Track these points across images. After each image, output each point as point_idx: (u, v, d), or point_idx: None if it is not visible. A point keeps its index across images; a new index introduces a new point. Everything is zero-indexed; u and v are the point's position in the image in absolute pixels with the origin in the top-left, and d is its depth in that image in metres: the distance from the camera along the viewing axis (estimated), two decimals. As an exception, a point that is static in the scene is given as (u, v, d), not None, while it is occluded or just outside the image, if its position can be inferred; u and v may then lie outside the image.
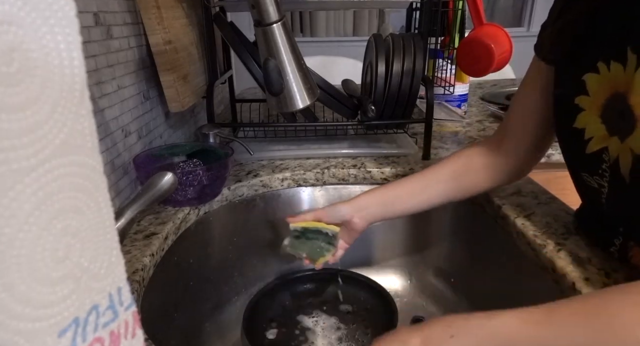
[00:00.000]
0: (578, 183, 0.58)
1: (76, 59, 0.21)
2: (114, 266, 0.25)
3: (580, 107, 0.52)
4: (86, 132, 0.22)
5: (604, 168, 0.50)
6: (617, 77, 0.46)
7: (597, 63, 0.48)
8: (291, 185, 0.87)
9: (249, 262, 0.86)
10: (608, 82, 0.47)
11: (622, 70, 0.45)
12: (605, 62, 0.47)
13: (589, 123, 0.51)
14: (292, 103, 0.57)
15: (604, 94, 0.48)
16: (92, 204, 0.23)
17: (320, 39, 2.94)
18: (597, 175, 0.52)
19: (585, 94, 0.51)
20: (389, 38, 0.91)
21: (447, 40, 1.17)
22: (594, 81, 0.49)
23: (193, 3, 0.93)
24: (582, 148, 0.52)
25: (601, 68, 0.48)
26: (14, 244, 0.19)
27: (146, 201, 0.54)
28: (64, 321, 0.22)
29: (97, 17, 0.62)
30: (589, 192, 0.55)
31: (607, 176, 0.50)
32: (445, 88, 1.16)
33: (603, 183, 0.51)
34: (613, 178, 0.49)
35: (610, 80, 0.47)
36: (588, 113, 0.51)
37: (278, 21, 0.53)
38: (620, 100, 0.46)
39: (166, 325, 0.65)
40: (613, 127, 0.48)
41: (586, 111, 0.51)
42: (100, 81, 0.63)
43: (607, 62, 0.47)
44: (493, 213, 0.74)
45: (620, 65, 0.46)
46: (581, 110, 0.51)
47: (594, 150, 0.51)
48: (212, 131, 0.84)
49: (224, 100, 1.37)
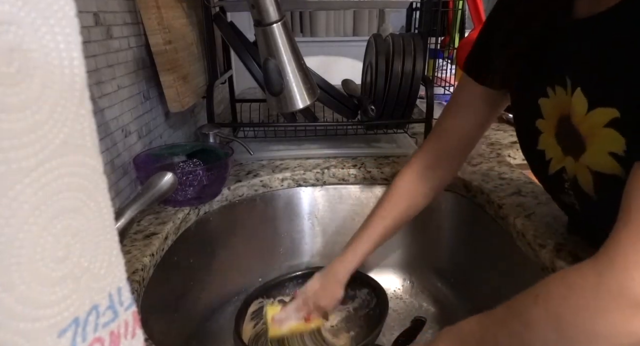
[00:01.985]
0: (554, 200, 0.60)
1: (76, 59, 0.21)
2: (114, 266, 0.25)
3: (539, 129, 0.54)
4: (86, 132, 0.22)
5: (567, 187, 0.52)
6: (562, 101, 0.49)
7: (546, 88, 0.51)
8: (291, 185, 0.87)
9: (248, 262, 0.86)
10: (556, 105, 0.50)
11: (564, 93, 0.48)
12: (551, 87, 0.50)
13: (547, 146, 0.53)
14: (292, 104, 0.57)
15: (555, 116, 0.51)
16: (92, 204, 0.23)
17: (320, 39, 2.94)
18: (563, 193, 0.53)
19: (541, 117, 0.53)
20: (389, 38, 0.91)
21: (447, 40, 1.17)
22: (546, 104, 0.52)
23: (193, 3, 0.93)
24: (546, 168, 0.54)
25: (549, 92, 0.51)
26: (14, 244, 0.19)
27: (146, 201, 0.54)
28: (64, 321, 0.22)
29: (97, 17, 0.62)
30: (564, 207, 0.58)
31: (571, 194, 0.51)
32: (445, 88, 1.16)
33: (573, 201, 0.52)
34: (578, 196, 0.50)
35: (557, 103, 0.50)
36: (546, 136, 0.53)
37: (278, 21, 0.53)
38: (567, 122, 0.48)
39: (166, 325, 0.65)
40: (567, 147, 0.50)
41: (544, 133, 0.53)
42: (100, 81, 0.63)
43: (552, 87, 0.50)
44: (493, 213, 0.74)
45: (563, 89, 0.48)
46: (540, 132, 0.54)
47: (554, 171, 0.53)
48: (212, 131, 0.84)
49: (224, 100, 1.37)
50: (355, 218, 0.90)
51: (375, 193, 0.89)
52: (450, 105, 0.68)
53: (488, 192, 0.76)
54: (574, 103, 0.46)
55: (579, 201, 0.51)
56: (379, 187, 0.89)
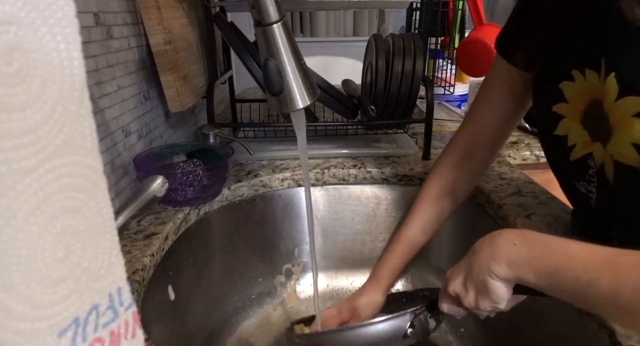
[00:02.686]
0: (566, 189, 0.59)
1: (76, 59, 0.21)
2: (114, 266, 0.25)
3: (559, 114, 0.52)
4: (86, 132, 0.22)
5: (591, 174, 0.50)
6: (592, 85, 0.47)
7: (571, 71, 0.49)
8: (291, 185, 0.87)
9: (248, 262, 0.86)
10: (585, 90, 0.48)
11: (597, 78, 0.46)
12: (580, 70, 0.49)
13: (571, 130, 0.52)
14: (293, 104, 0.57)
15: (583, 101, 0.49)
16: (92, 204, 0.23)
17: (320, 39, 2.94)
18: (584, 180, 0.52)
19: (563, 101, 0.51)
20: (389, 38, 0.91)
21: (447, 40, 1.17)
22: (570, 89, 0.50)
23: (193, 3, 0.93)
24: (567, 154, 0.53)
25: (576, 76, 0.49)
26: (14, 244, 0.19)
27: (137, 206, 0.53)
28: (64, 321, 0.22)
29: (97, 17, 0.62)
30: (577, 197, 0.56)
31: (594, 182, 0.50)
32: (446, 88, 1.16)
33: (591, 189, 0.51)
34: (601, 184, 0.49)
35: (587, 87, 0.48)
36: (569, 121, 0.52)
37: (278, 21, 0.53)
38: (598, 107, 0.47)
39: (166, 325, 0.65)
40: (595, 133, 0.48)
41: (567, 118, 0.52)
42: (100, 81, 0.63)
43: (581, 71, 0.48)
44: (493, 213, 0.74)
45: (595, 73, 0.47)
46: (561, 117, 0.52)
47: (578, 157, 0.51)
48: (212, 131, 0.84)
49: (224, 100, 1.37)
50: (355, 218, 0.90)
51: (375, 193, 0.89)
52: (480, 89, 0.66)
53: (488, 192, 0.76)
54: (607, 88, 0.45)
55: (598, 189, 0.50)
56: (379, 187, 0.89)
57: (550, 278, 0.41)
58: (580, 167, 0.51)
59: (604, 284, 0.37)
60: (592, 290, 0.38)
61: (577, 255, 0.40)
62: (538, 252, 0.42)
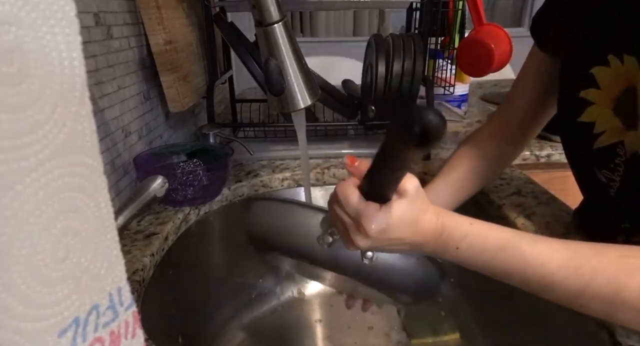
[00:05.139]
0: (582, 178, 0.57)
1: (76, 59, 0.21)
2: (114, 266, 0.25)
3: (587, 100, 0.51)
4: (86, 132, 0.22)
5: (617, 162, 0.49)
6: (628, 71, 0.46)
7: (607, 56, 0.48)
8: (291, 185, 0.87)
9: (249, 262, 0.86)
10: (621, 76, 0.47)
11: (635, 63, 0.45)
12: (618, 55, 0.47)
13: (600, 117, 0.50)
14: (293, 104, 0.57)
15: (617, 88, 0.47)
16: (92, 204, 0.23)
17: (321, 39, 2.95)
18: (607, 169, 0.50)
19: (594, 87, 0.50)
20: (389, 38, 0.91)
21: (447, 40, 1.17)
22: (604, 74, 0.48)
23: (193, 3, 0.93)
24: (590, 142, 0.51)
25: (612, 61, 0.47)
26: (14, 244, 0.19)
27: (136, 206, 0.53)
28: (64, 321, 0.22)
29: (97, 17, 0.62)
30: (594, 186, 0.54)
31: (620, 170, 0.49)
32: (445, 88, 1.16)
33: (614, 178, 0.50)
34: (628, 173, 0.48)
35: (624, 73, 0.46)
36: (599, 107, 0.50)
37: (279, 21, 0.53)
38: (633, 94, 0.45)
39: (166, 325, 0.65)
40: (629, 120, 0.47)
41: (596, 104, 0.50)
42: (100, 81, 0.63)
43: (619, 56, 0.46)
44: (493, 213, 0.74)
45: (634, 59, 0.45)
46: (589, 103, 0.50)
47: (605, 144, 0.50)
48: (212, 131, 0.84)
49: (224, 100, 1.37)
50: (355, 218, 0.89)
51: (375, 193, 0.89)
52: (519, 73, 0.65)
53: (488, 192, 0.76)
54: None
55: (623, 178, 0.48)
56: (379, 187, 0.88)
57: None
58: (606, 154, 0.50)
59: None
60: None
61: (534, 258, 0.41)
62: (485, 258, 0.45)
